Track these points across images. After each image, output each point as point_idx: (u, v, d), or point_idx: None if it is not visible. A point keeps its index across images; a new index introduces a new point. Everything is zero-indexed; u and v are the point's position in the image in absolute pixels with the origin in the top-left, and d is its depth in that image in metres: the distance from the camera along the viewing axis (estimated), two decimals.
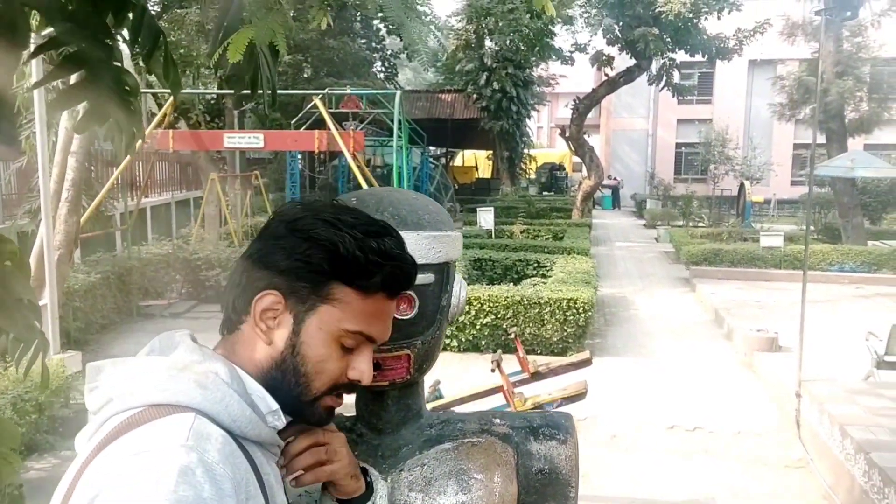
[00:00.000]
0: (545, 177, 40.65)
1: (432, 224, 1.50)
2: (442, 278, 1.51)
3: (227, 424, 1.09)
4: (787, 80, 22.78)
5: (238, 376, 1.16)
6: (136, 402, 1.07)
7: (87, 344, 10.80)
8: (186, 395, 1.07)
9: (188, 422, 1.04)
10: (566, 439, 1.58)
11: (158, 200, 18.97)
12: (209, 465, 0.99)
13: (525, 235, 19.01)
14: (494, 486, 1.46)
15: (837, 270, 17.02)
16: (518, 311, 10.44)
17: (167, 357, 1.16)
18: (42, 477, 6.81)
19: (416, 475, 1.45)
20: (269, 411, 1.16)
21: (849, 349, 10.29)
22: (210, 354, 1.18)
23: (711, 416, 8.40)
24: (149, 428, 1.03)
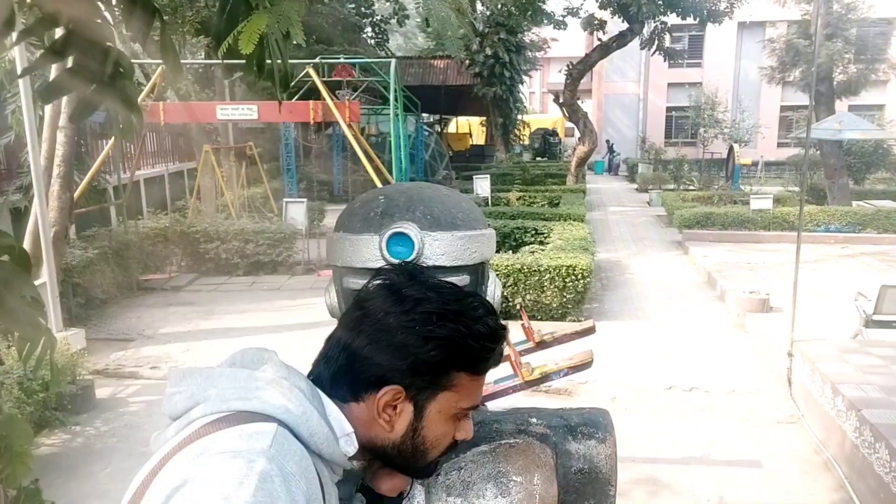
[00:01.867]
0: (539, 142, 40.52)
1: (466, 223, 1.45)
2: (477, 279, 1.48)
3: (305, 439, 1.13)
4: (777, 42, 22.77)
5: (319, 396, 1.21)
6: (225, 407, 1.12)
7: (88, 320, 10.83)
8: (272, 406, 1.12)
9: (271, 431, 1.08)
10: (605, 437, 1.58)
11: (152, 173, 18.77)
12: (287, 475, 1.03)
13: (521, 202, 19.06)
14: (534, 488, 1.44)
15: (824, 231, 17.26)
16: (518, 278, 10.57)
17: (254, 370, 1.20)
18: (54, 452, 6.93)
19: (454, 479, 1.43)
20: (343, 434, 1.20)
21: (837, 309, 10.50)
22: (295, 372, 1.22)
23: (707, 376, 8.61)
24: (236, 431, 1.07)
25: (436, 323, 1.20)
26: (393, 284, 1.24)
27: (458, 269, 1.41)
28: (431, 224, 1.40)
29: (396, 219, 1.40)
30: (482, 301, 1.27)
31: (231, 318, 11.04)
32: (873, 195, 22.40)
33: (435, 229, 1.39)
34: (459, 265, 1.41)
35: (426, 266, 1.40)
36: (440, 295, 1.23)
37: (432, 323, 1.20)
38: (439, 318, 1.20)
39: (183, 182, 20.31)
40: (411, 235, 1.38)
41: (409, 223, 1.39)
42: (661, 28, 24.32)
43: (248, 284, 13.31)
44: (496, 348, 1.26)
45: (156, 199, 18.34)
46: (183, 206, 17.67)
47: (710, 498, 6.06)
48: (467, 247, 1.43)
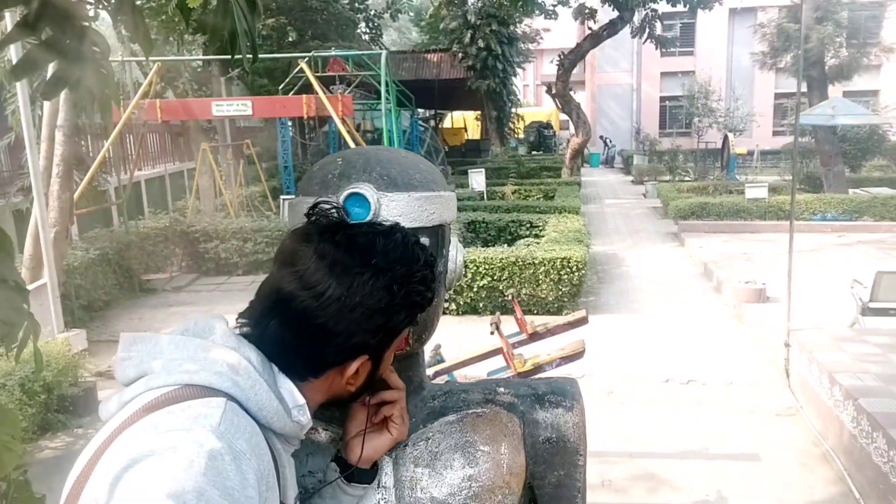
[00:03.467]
0: (534, 136, 40.48)
1: (424, 184, 1.43)
2: (437, 242, 1.45)
3: (254, 412, 1.11)
4: (768, 27, 22.76)
5: (269, 367, 1.18)
6: (171, 380, 1.09)
7: (91, 321, 10.86)
8: (220, 379, 1.09)
9: (220, 406, 1.05)
10: (572, 406, 1.55)
11: (152, 173, 18.83)
12: (238, 453, 1.01)
13: (516, 196, 19.06)
14: (502, 457, 1.44)
15: (820, 219, 17.34)
16: (513, 272, 10.64)
17: (204, 339, 1.16)
18: (58, 455, 6.94)
19: (421, 449, 1.43)
20: (295, 405, 1.18)
21: (834, 297, 10.58)
22: (245, 343, 1.18)
23: (704, 368, 8.68)
24: (183, 407, 1.04)
25: (397, 294, 1.20)
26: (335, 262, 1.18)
27: (417, 231, 1.37)
28: (388, 185, 1.38)
29: (353, 180, 1.38)
30: (408, 238, 1.26)
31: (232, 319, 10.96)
32: (870, 182, 22.40)
33: (392, 190, 1.38)
34: (417, 227, 1.39)
35: None
36: (385, 258, 1.20)
37: (394, 295, 1.20)
38: (399, 286, 1.20)
39: (183, 182, 20.36)
40: (367, 196, 1.36)
41: (366, 184, 1.37)
42: (651, 15, 24.34)
43: (248, 284, 13.31)
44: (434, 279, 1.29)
45: (156, 199, 18.40)
46: (183, 205, 17.69)
47: (708, 492, 6.13)
48: (425, 208, 1.41)
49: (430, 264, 1.27)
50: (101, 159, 12.86)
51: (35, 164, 8.76)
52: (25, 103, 8.60)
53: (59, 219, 9.67)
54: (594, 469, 5.80)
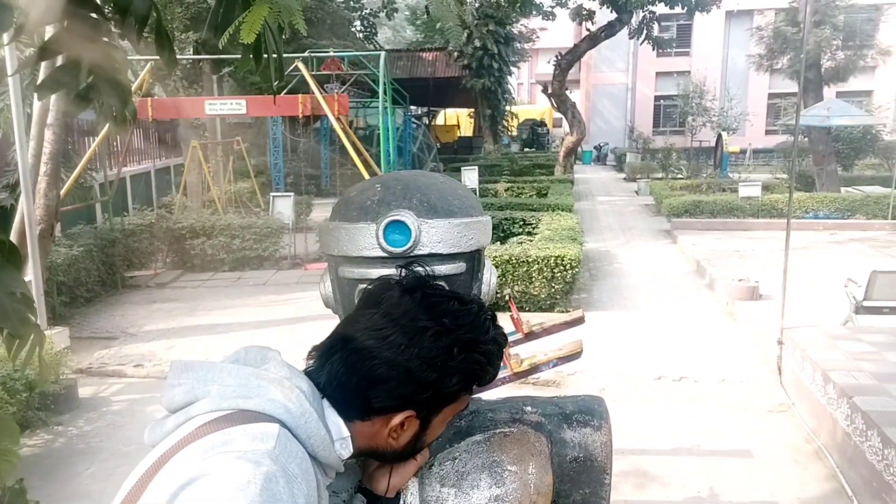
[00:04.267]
0: (527, 133, 40.56)
1: (463, 210, 1.45)
2: (473, 266, 1.48)
3: (302, 440, 1.13)
4: (765, 30, 22.80)
5: (319, 398, 1.21)
6: (226, 404, 1.12)
7: (72, 318, 10.73)
8: (273, 406, 1.12)
9: (275, 432, 1.08)
10: (600, 425, 1.56)
11: (138, 169, 18.65)
12: (291, 476, 1.04)
13: (509, 193, 19.05)
14: (529, 477, 1.44)
15: (812, 217, 17.35)
16: (507, 269, 10.52)
17: (257, 368, 1.19)
18: (37, 453, 6.86)
19: (448, 469, 1.43)
20: (339, 438, 1.20)
21: (827, 295, 10.48)
22: (298, 373, 1.22)
23: (696, 365, 8.57)
24: (238, 431, 1.07)
25: (456, 357, 1.21)
26: (406, 312, 1.21)
27: (455, 257, 1.42)
28: (428, 212, 1.40)
29: (393, 207, 1.40)
30: (485, 313, 1.27)
31: (216, 315, 10.95)
32: (862, 181, 22.50)
33: (432, 217, 1.40)
34: (456, 252, 1.42)
35: (422, 255, 1.40)
36: (454, 321, 1.22)
37: (453, 357, 1.21)
38: (459, 350, 1.21)
39: (170, 178, 20.25)
40: (408, 223, 1.38)
41: (406, 211, 1.39)
42: (649, 17, 24.36)
43: (234, 280, 13.22)
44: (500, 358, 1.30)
45: (142, 195, 18.28)
46: (169, 202, 17.60)
47: (700, 489, 6.01)
48: (464, 234, 1.43)
49: (500, 343, 1.29)
50: (88, 157, 12.74)
51: (24, 162, 8.69)
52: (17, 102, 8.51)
53: (44, 216, 9.61)
54: None
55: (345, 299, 1.51)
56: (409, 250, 1.39)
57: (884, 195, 18.02)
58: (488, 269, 1.55)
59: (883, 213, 17.34)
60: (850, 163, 24.20)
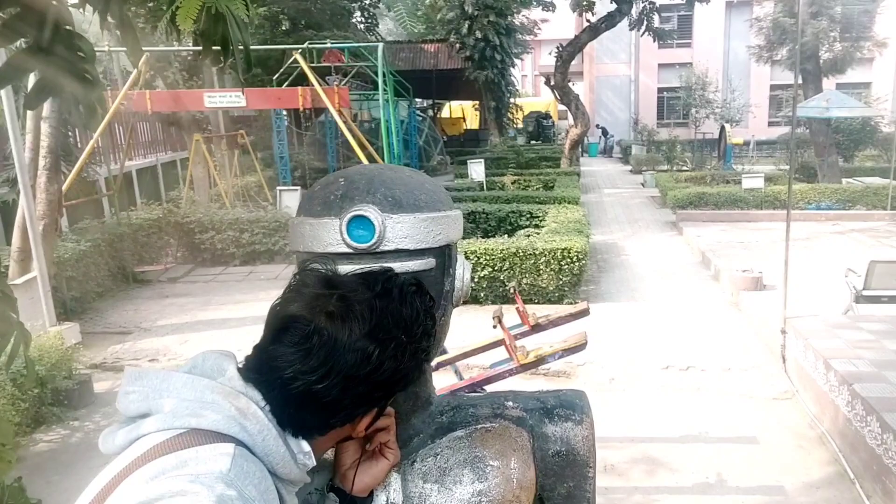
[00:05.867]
0: (532, 126, 40.43)
1: (430, 205, 1.40)
2: (443, 262, 1.44)
3: (260, 457, 1.10)
4: (764, 21, 22.81)
5: None
6: (179, 423, 1.08)
7: (84, 313, 10.81)
8: (229, 425, 1.08)
9: (230, 452, 1.05)
10: (581, 419, 1.54)
11: (144, 163, 18.61)
12: (247, 500, 1.00)
13: (516, 186, 19.02)
14: (511, 472, 1.43)
15: (814, 208, 17.48)
16: (514, 262, 10.63)
17: (213, 380, 1.14)
18: (53, 449, 6.95)
19: (430, 465, 1.41)
20: (300, 451, 1.17)
21: (828, 285, 10.61)
22: (252, 387, 1.16)
23: (703, 355, 8.71)
24: (191, 453, 1.04)
25: (406, 358, 1.20)
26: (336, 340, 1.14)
27: (423, 252, 1.37)
28: (393, 206, 1.36)
29: (357, 202, 1.36)
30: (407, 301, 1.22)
31: (229, 309, 11.04)
32: (862, 172, 22.55)
33: (397, 211, 1.35)
34: (424, 248, 1.38)
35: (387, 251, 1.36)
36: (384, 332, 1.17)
37: (404, 358, 1.19)
38: (403, 353, 1.19)
39: (176, 172, 20.23)
40: (372, 218, 1.34)
41: (370, 206, 1.35)
42: (649, 8, 24.37)
43: (245, 274, 13.31)
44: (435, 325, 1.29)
45: (149, 189, 18.27)
46: (176, 196, 17.60)
47: (707, 474, 6.16)
48: (431, 229, 1.38)
49: (430, 310, 1.25)
50: (89, 150, 12.73)
51: (20, 156, 8.66)
52: (8, 95, 8.51)
53: (47, 211, 9.58)
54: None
55: None
56: (373, 246, 1.34)
57: (883, 186, 18.14)
58: (461, 264, 1.49)
59: (882, 204, 17.46)
60: (850, 154, 24.28)
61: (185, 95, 14.76)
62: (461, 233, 1.51)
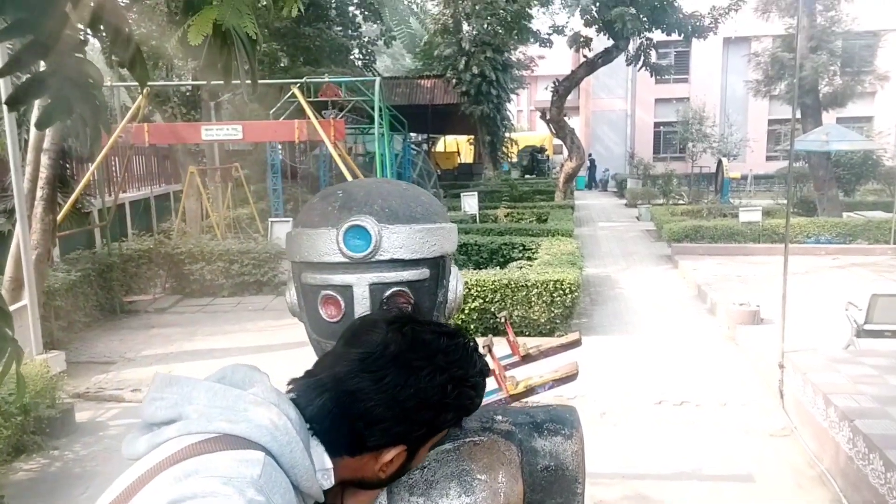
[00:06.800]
0: (527, 160, 40.66)
1: (426, 216, 1.46)
2: (437, 273, 1.47)
3: (286, 468, 1.11)
4: (762, 56, 22.88)
5: (306, 428, 1.19)
6: (211, 427, 1.10)
7: (70, 343, 10.70)
8: (260, 433, 1.10)
9: (260, 460, 1.06)
10: (571, 434, 1.55)
11: (137, 195, 18.67)
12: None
13: (509, 219, 19.03)
14: (499, 486, 1.44)
15: (814, 242, 17.30)
16: (506, 294, 10.49)
17: (245, 390, 1.17)
18: (32, 478, 6.82)
19: (417, 478, 1.42)
20: (322, 469, 1.18)
21: (828, 319, 10.44)
22: (285, 398, 1.20)
23: (698, 389, 8.52)
24: (224, 456, 1.05)
25: (450, 394, 1.23)
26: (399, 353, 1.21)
27: (418, 263, 1.41)
28: (389, 217, 1.40)
29: (354, 212, 1.40)
30: (471, 347, 1.29)
31: (215, 339, 10.91)
32: (864, 206, 22.44)
33: (393, 222, 1.40)
34: (419, 258, 1.41)
35: (383, 260, 1.40)
36: (446, 358, 1.23)
37: (447, 394, 1.22)
38: (453, 387, 1.23)
39: (169, 204, 20.27)
40: (368, 228, 1.38)
41: (367, 216, 1.39)
42: (646, 44, 24.49)
43: (233, 305, 13.18)
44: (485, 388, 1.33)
45: (141, 221, 18.29)
46: (168, 227, 17.60)
47: None
48: (426, 240, 1.43)
49: (485, 373, 1.31)
50: (85, 182, 12.77)
51: (20, 187, 8.71)
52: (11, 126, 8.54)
53: (41, 240, 9.66)
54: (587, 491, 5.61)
55: (308, 306, 1.49)
56: (369, 255, 1.39)
57: (885, 220, 17.95)
58: (454, 276, 1.53)
59: (885, 238, 17.26)
60: (851, 188, 24.14)
61: (182, 128, 14.87)
62: (455, 245, 1.56)
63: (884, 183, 24.89)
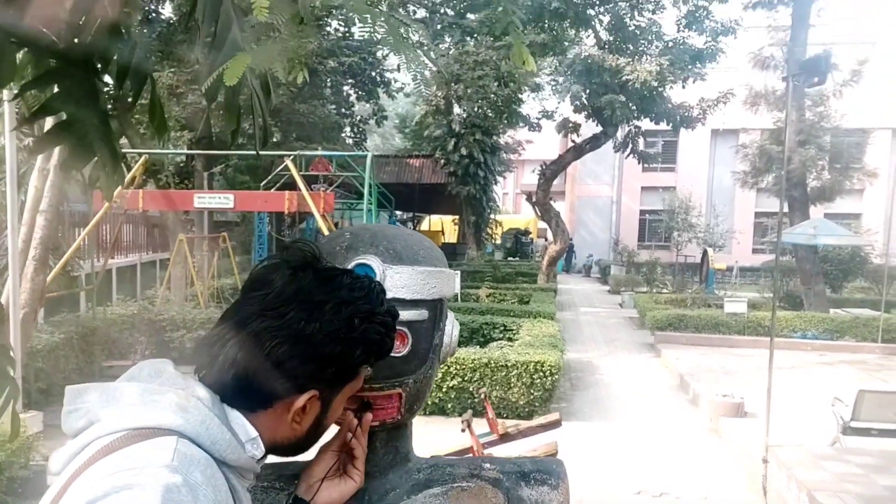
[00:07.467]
0: (511, 242, 40.87)
1: (427, 260, 1.49)
2: (435, 315, 1.50)
3: (207, 447, 1.11)
4: (750, 148, 23.18)
5: (219, 402, 1.18)
6: (119, 426, 1.09)
7: (48, 405, 10.55)
8: (168, 418, 1.09)
9: (171, 444, 1.06)
10: (557, 485, 1.55)
11: (125, 262, 18.75)
12: (193, 486, 1.01)
13: (491, 299, 19.03)
14: None
15: (800, 337, 17.17)
16: (485, 373, 10.41)
17: (149, 384, 1.16)
18: None
19: None
20: (248, 439, 1.18)
21: (814, 415, 10.35)
22: (192, 380, 1.19)
23: (678, 480, 8.40)
24: (133, 450, 1.04)
25: (357, 327, 1.22)
26: (301, 289, 1.21)
27: (418, 304, 1.45)
28: (393, 258, 1.44)
29: (360, 252, 1.44)
30: (377, 286, 1.30)
31: None
32: (851, 303, 22.25)
33: (397, 263, 1.44)
34: (419, 299, 1.45)
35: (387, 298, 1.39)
36: (351, 292, 1.23)
37: (354, 328, 1.21)
38: (360, 320, 1.22)
39: (155, 271, 20.28)
40: (374, 267, 1.42)
41: (373, 256, 1.43)
42: (634, 132, 24.85)
43: None
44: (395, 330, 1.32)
45: (127, 286, 18.26)
46: (153, 294, 17.57)
47: None
48: (427, 282, 1.46)
49: (393, 314, 1.30)
50: (77, 245, 12.81)
51: (15, 246, 8.72)
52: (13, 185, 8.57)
53: (29, 300, 9.62)
54: None
55: None
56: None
57: (873, 318, 17.81)
58: (450, 321, 1.56)
59: (873, 337, 17.09)
60: (838, 284, 24.12)
61: (176, 195, 15.01)
62: (454, 290, 1.60)
63: (871, 281, 24.94)
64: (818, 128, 21.06)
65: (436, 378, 1.59)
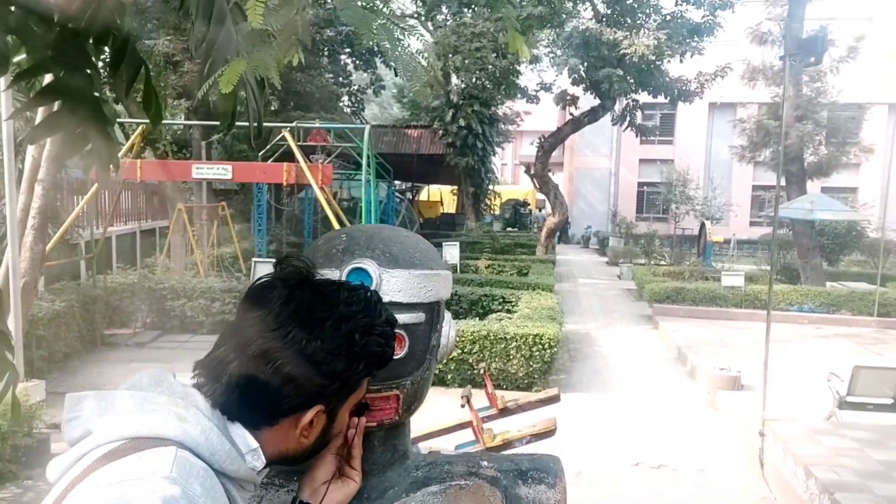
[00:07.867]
0: (509, 213, 40.85)
1: (423, 263, 1.49)
2: (432, 317, 1.50)
3: (206, 458, 1.11)
4: (748, 123, 23.12)
5: (219, 414, 1.19)
6: (117, 434, 1.09)
7: (49, 373, 10.62)
8: (167, 428, 1.09)
9: (171, 454, 1.06)
10: (555, 483, 1.57)
11: (124, 230, 18.68)
12: (192, 497, 1.01)
13: (490, 270, 19.06)
14: None
15: (797, 310, 17.29)
16: (484, 345, 10.47)
17: (150, 392, 1.17)
18: None
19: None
20: (248, 450, 1.19)
21: (810, 389, 10.43)
22: (193, 391, 1.19)
23: (676, 453, 8.48)
24: (132, 459, 1.05)
25: (359, 342, 1.22)
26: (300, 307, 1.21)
27: (414, 307, 1.45)
28: (390, 261, 1.44)
29: (357, 255, 1.44)
30: (374, 296, 1.30)
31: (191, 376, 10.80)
32: (847, 277, 22.45)
33: (393, 266, 1.44)
34: (415, 302, 1.45)
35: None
36: (349, 307, 1.23)
37: (355, 343, 1.22)
38: (361, 334, 1.22)
39: (154, 239, 20.27)
40: (370, 271, 1.42)
41: (369, 260, 1.43)
42: (632, 105, 24.76)
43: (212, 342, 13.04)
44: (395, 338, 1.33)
45: (126, 255, 18.23)
46: (152, 262, 17.56)
47: None
48: (423, 285, 1.47)
49: (392, 323, 1.31)
50: (76, 214, 12.79)
51: (13, 215, 8.70)
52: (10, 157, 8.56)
53: (29, 269, 9.60)
54: None
55: None
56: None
57: (869, 292, 17.96)
58: (447, 322, 1.56)
59: (868, 310, 17.26)
60: (835, 258, 24.20)
61: (174, 166, 14.96)
62: (450, 292, 1.58)
63: (868, 254, 25.05)
64: (815, 103, 20.98)
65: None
